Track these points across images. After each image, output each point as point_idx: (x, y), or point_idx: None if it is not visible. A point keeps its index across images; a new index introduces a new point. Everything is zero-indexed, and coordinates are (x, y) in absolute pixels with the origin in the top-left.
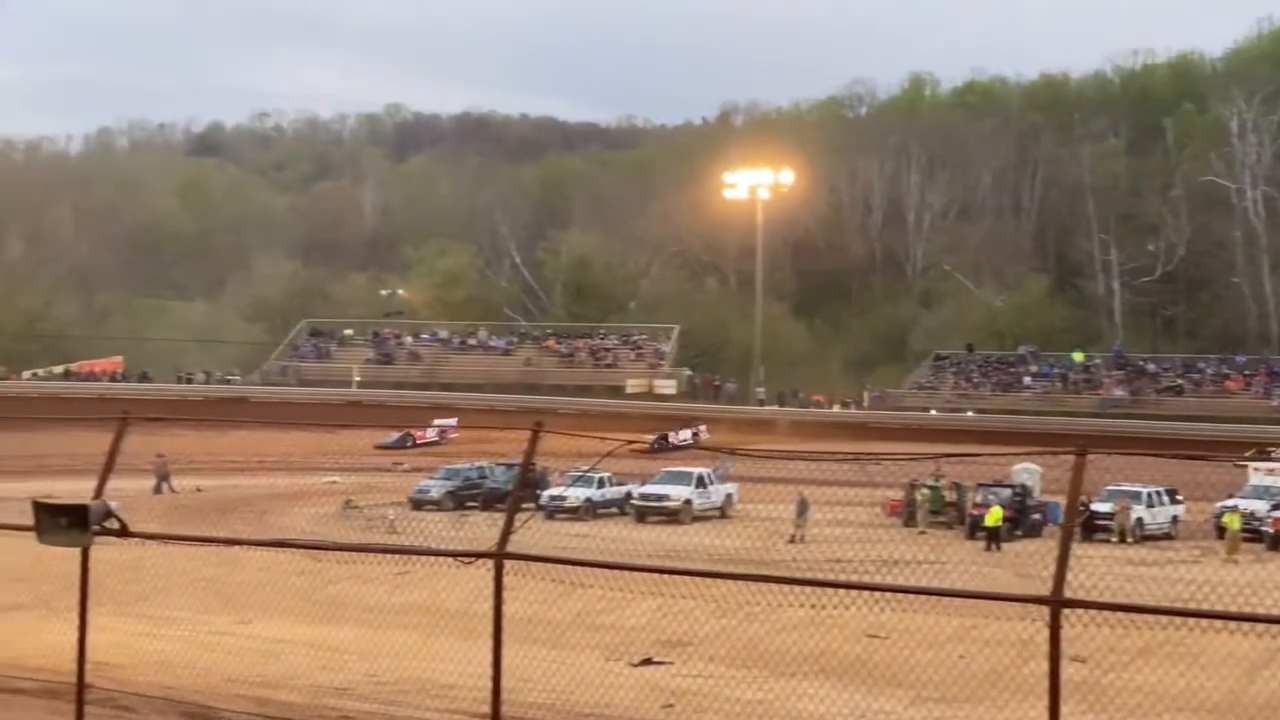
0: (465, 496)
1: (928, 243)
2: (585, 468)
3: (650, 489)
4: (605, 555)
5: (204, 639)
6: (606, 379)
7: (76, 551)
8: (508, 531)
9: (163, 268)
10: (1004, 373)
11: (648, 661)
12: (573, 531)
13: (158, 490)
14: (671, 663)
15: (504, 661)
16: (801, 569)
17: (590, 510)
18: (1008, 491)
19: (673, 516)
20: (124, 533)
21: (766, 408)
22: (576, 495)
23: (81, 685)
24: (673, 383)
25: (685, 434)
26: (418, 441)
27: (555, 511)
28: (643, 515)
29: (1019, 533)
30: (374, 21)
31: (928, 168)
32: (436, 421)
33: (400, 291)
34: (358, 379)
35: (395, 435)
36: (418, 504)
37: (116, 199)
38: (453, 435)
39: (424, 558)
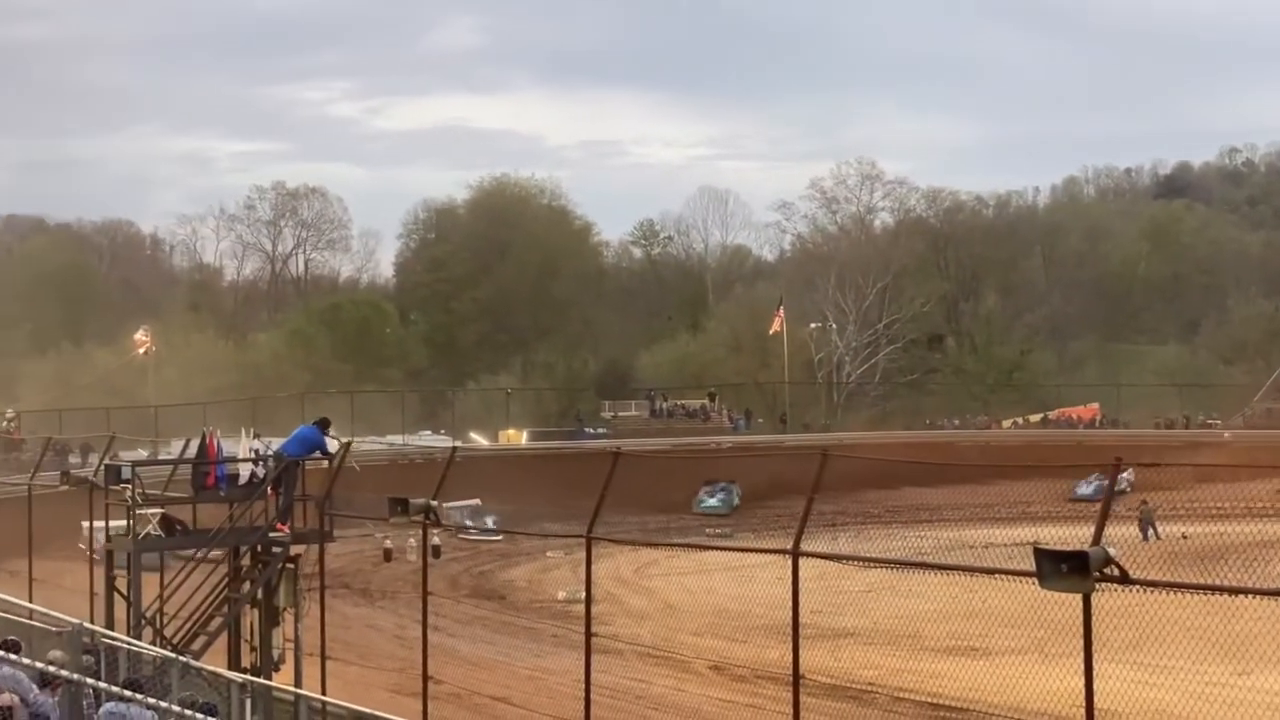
0: None
1: None
2: None
3: None
4: None
5: (1201, 689)
6: None
7: (1066, 597)
8: None
9: (1133, 313)
10: None
11: None
12: None
13: (1145, 537)
14: None
15: None
16: None
17: None
18: None
19: None
20: (1124, 579)
21: None
22: None
23: None
24: None
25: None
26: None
27: None
28: None
29: None
30: None
31: None
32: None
33: None
34: None
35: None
36: None
37: (1084, 247)
38: None
39: None
